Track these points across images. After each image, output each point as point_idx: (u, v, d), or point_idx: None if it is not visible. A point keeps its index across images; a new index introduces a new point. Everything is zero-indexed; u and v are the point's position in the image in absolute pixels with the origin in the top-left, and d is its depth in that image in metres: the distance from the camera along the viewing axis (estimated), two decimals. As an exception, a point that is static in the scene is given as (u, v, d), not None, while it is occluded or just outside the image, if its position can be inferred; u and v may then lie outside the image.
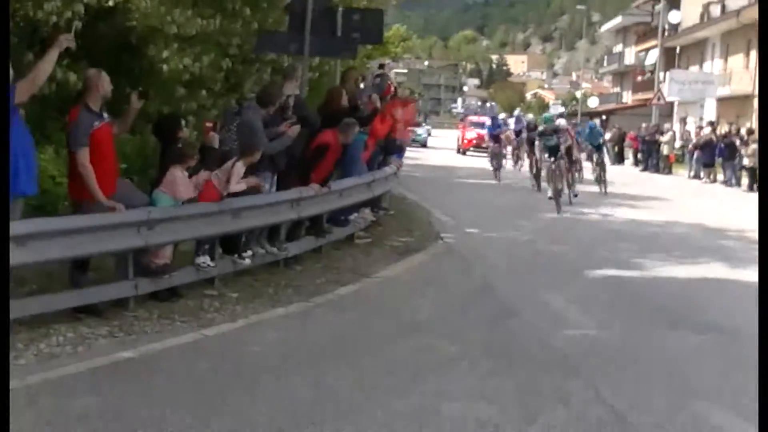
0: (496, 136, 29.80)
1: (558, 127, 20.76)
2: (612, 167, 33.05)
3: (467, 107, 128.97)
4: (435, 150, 49.50)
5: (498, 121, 32.18)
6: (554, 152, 20.01)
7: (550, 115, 24.26)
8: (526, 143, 26.85)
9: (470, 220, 16.77)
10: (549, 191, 20.03)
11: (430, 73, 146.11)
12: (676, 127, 45.33)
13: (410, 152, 27.64)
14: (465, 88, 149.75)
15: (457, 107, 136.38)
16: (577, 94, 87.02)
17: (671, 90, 45.41)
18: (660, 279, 12.07)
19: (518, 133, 30.35)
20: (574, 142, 22.03)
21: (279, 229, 11.11)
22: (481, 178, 28.20)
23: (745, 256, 13.16)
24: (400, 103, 15.18)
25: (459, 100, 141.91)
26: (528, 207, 19.89)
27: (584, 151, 27.04)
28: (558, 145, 20.09)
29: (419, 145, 49.59)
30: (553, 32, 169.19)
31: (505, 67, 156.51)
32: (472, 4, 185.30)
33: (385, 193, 15.90)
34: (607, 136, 39.29)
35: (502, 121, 33.50)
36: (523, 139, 28.56)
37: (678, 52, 53.22)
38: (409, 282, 10.87)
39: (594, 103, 72.55)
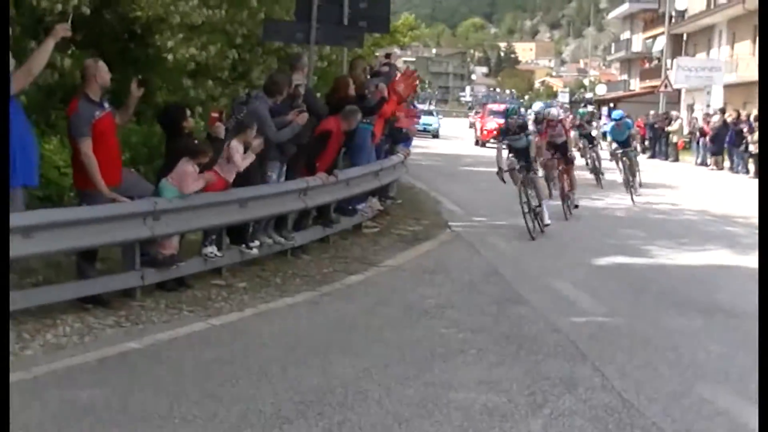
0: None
1: (524, 123, 15.37)
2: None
3: (475, 95, 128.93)
4: (448, 141, 46.61)
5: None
6: (523, 156, 14.35)
7: (514, 107, 18.31)
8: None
9: (478, 209, 16.74)
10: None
11: (438, 61, 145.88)
12: (684, 114, 45.21)
13: (423, 143, 27.63)
14: (473, 77, 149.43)
15: (465, 95, 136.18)
16: (585, 82, 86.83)
17: (678, 77, 45.22)
18: (667, 265, 12.05)
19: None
20: (569, 136, 17.81)
21: (286, 219, 11.10)
22: (490, 165, 28.04)
23: (751, 242, 13.11)
24: (402, 78, 15.18)
25: (467, 89, 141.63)
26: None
27: (577, 146, 23.01)
28: (527, 146, 14.56)
29: (430, 135, 47.02)
30: (560, 19, 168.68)
31: (513, 55, 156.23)
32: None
33: (393, 182, 15.88)
34: None
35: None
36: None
37: (685, 39, 53.06)
38: (417, 270, 10.85)
39: (602, 90, 72.44)
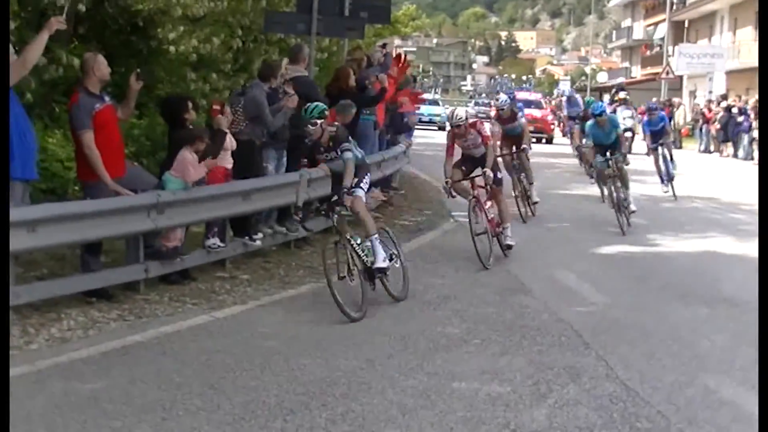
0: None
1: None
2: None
3: (476, 85, 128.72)
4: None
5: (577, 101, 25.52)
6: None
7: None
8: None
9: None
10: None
11: (439, 50, 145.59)
12: (686, 101, 45.13)
13: (427, 133, 27.56)
14: (474, 66, 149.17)
15: (466, 84, 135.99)
16: (587, 70, 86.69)
17: (680, 64, 45.17)
18: (671, 254, 12.05)
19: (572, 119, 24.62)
20: (489, 144, 11.34)
21: (289, 210, 11.10)
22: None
23: (756, 230, 13.11)
24: (393, 62, 15.29)
25: (468, 78, 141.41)
26: (540, 185, 19.82)
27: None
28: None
29: (437, 127, 41.30)
30: (561, 7, 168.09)
31: (514, 44, 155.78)
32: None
33: (396, 172, 15.88)
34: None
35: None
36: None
37: (687, 25, 52.96)
38: (420, 261, 10.85)
39: (603, 78, 72.29)
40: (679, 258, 11.79)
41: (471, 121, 11.25)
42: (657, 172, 18.26)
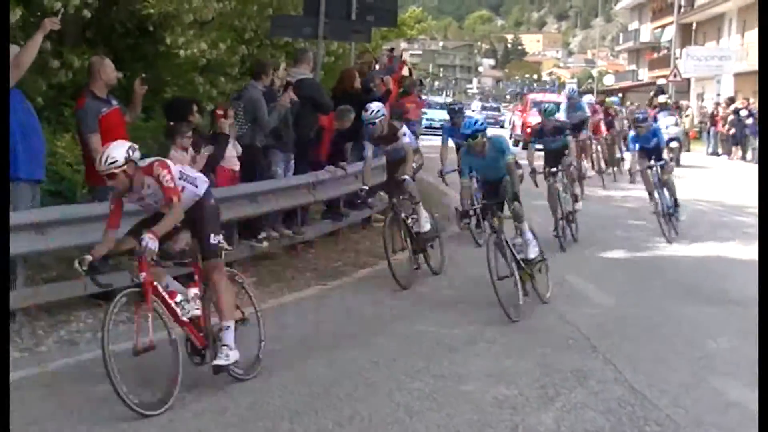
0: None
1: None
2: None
3: (482, 88, 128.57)
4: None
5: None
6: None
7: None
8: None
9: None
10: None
11: (445, 54, 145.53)
12: (693, 104, 45.04)
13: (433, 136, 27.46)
14: (480, 69, 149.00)
15: (472, 87, 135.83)
16: (593, 72, 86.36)
17: (687, 66, 45.07)
18: (678, 256, 12.04)
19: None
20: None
21: (296, 213, 11.13)
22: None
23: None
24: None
25: (474, 81, 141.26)
26: (543, 187, 19.76)
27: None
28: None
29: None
30: (568, 10, 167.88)
31: (520, 47, 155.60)
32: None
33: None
34: None
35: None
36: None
37: (694, 28, 52.85)
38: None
39: (610, 80, 72.12)
40: (685, 260, 11.78)
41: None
42: (656, 216, 13.31)
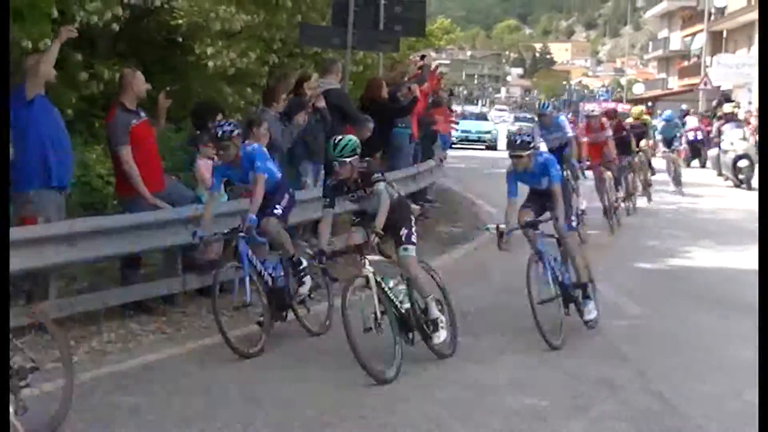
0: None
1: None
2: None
3: (510, 97, 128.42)
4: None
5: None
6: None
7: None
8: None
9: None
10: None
11: (473, 63, 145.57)
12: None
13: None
14: (508, 78, 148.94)
15: (500, 97, 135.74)
16: (622, 81, 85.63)
17: (718, 74, 44.83)
18: (709, 266, 11.95)
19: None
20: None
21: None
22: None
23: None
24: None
25: (503, 90, 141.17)
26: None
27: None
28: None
29: (483, 146, 36.61)
30: (597, 19, 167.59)
31: (548, 56, 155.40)
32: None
33: (431, 185, 15.89)
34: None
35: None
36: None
37: (725, 36, 52.57)
38: (455, 273, 10.83)
39: (639, 89, 71.79)
40: (715, 269, 11.69)
41: None
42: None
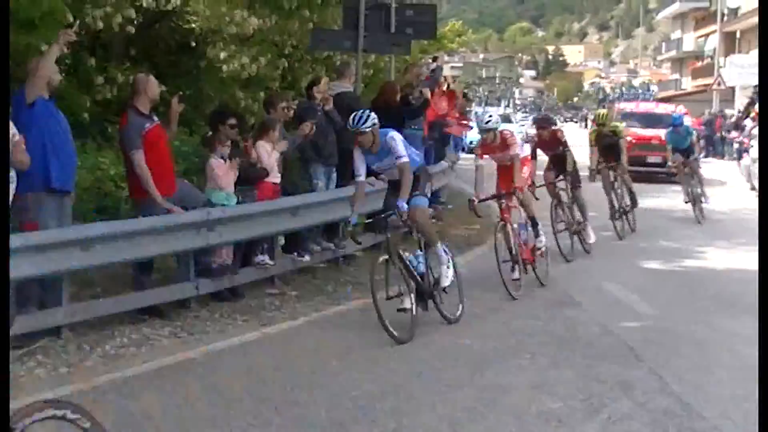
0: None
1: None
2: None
3: (523, 99, 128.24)
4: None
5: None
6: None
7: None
8: None
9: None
10: None
11: (485, 66, 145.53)
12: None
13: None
14: (521, 80, 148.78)
15: (515, 99, 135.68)
16: (636, 83, 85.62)
17: (731, 75, 44.64)
18: (722, 265, 11.91)
19: None
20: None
21: (337, 227, 11.14)
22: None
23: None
24: (444, 96, 15.26)
25: (516, 92, 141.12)
26: (590, 198, 19.58)
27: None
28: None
29: None
30: (609, 21, 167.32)
31: (561, 58, 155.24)
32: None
33: (443, 187, 15.87)
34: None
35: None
36: None
37: (738, 36, 52.38)
38: (469, 275, 10.81)
39: (653, 90, 71.59)
40: (729, 269, 11.63)
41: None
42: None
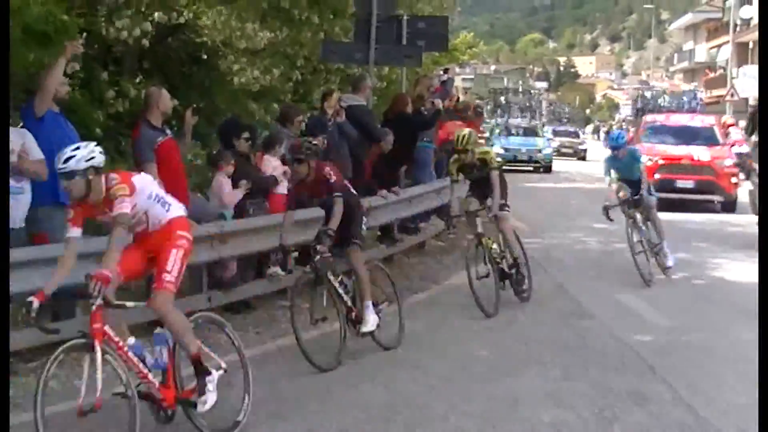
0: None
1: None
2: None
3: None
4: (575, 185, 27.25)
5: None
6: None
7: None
8: None
9: (543, 224, 16.62)
10: None
11: (497, 77, 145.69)
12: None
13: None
14: (533, 92, 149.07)
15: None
16: (648, 94, 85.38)
17: (745, 85, 44.54)
18: (738, 277, 11.83)
19: None
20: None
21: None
22: (554, 181, 27.81)
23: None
24: (463, 123, 15.21)
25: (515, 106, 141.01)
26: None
27: None
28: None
29: (539, 167, 32.13)
30: (621, 32, 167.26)
31: (573, 69, 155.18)
32: (539, 7, 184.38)
33: (455, 199, 15.82)
34: None
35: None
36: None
37: (751, 47, 52.26)
38: (481, 285, 10.80)
39: (700, 97, 71.30)
40: (742, 279, 11.56)
41: None
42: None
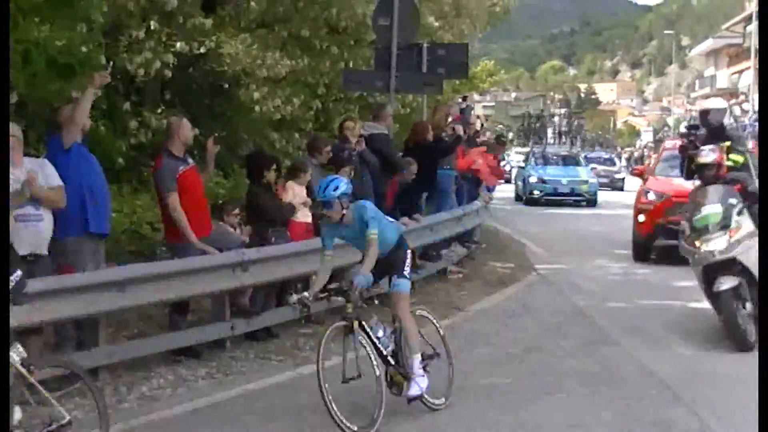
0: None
1: None
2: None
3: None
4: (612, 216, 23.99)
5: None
6: None
7: None
8: None
9: (564, 250, 16.59)
10: None
11: (517, 105, 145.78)
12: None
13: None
14: (555, 119, 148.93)
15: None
16: (669, 121, 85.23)
17: (767, 110, 44.41)
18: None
19: None
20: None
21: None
22: (572, 208, 27.81)
23: None
24: (484, 154, 15.25)
25: (549, 131, 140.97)
26: (623, 234, 19.45)
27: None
28: None
29: (584, 201, 29.43)
30: (641, 58, 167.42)
31: (593, 96, 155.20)
32: (558, 34, 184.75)
33: (477, 226, 15.88)
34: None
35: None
36: None
37: (772, 71, 52.18)
38: (503, 314, 10.80)
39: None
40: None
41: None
42: None
